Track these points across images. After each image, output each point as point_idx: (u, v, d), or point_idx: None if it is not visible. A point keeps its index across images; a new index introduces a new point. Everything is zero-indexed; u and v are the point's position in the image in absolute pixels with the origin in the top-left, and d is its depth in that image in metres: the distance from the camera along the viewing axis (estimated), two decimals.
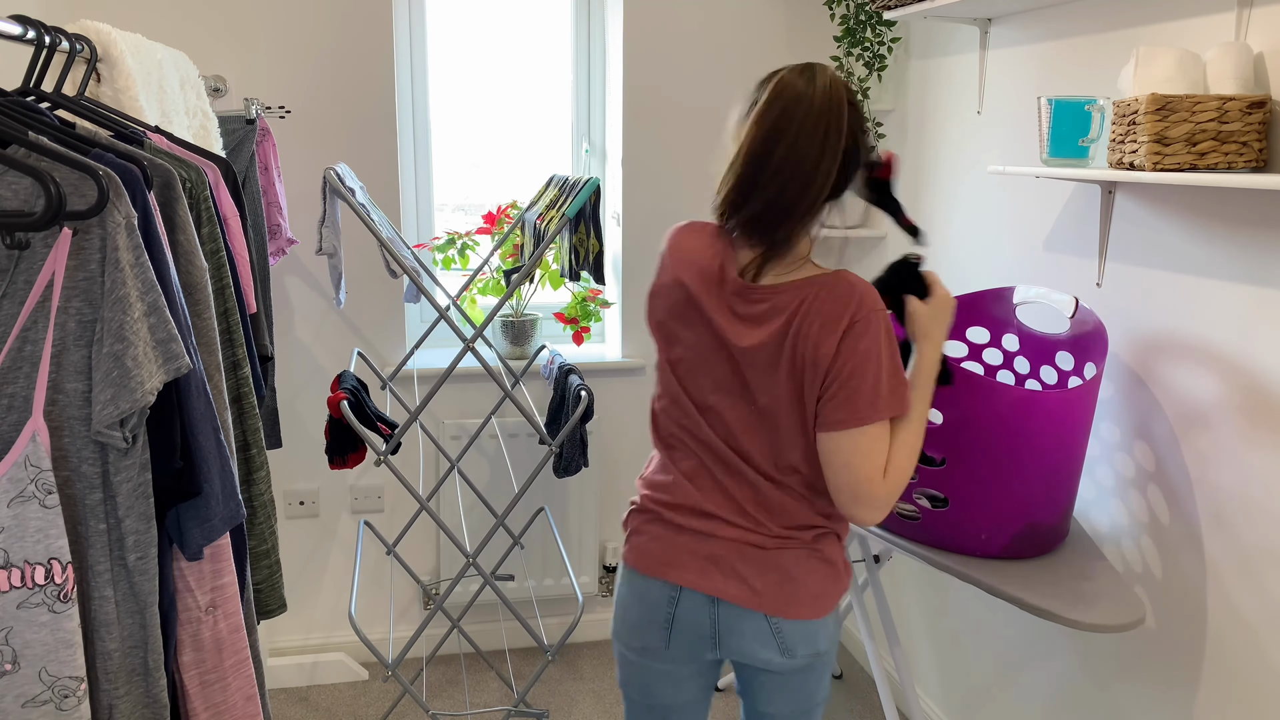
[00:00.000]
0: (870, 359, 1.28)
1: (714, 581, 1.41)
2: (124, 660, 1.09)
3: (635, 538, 1.49)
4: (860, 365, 1.28)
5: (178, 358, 1.06)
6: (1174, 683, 1.77)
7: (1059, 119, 1.75)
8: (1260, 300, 1.55)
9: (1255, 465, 1.58)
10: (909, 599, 2.69)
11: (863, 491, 1.31)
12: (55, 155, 1.04)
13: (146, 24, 2.45)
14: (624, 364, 2.89)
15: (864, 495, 1.31)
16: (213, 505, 1.13)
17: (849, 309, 1.29)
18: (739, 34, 2.77)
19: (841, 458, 1.31)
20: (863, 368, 1.28)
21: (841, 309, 1.29)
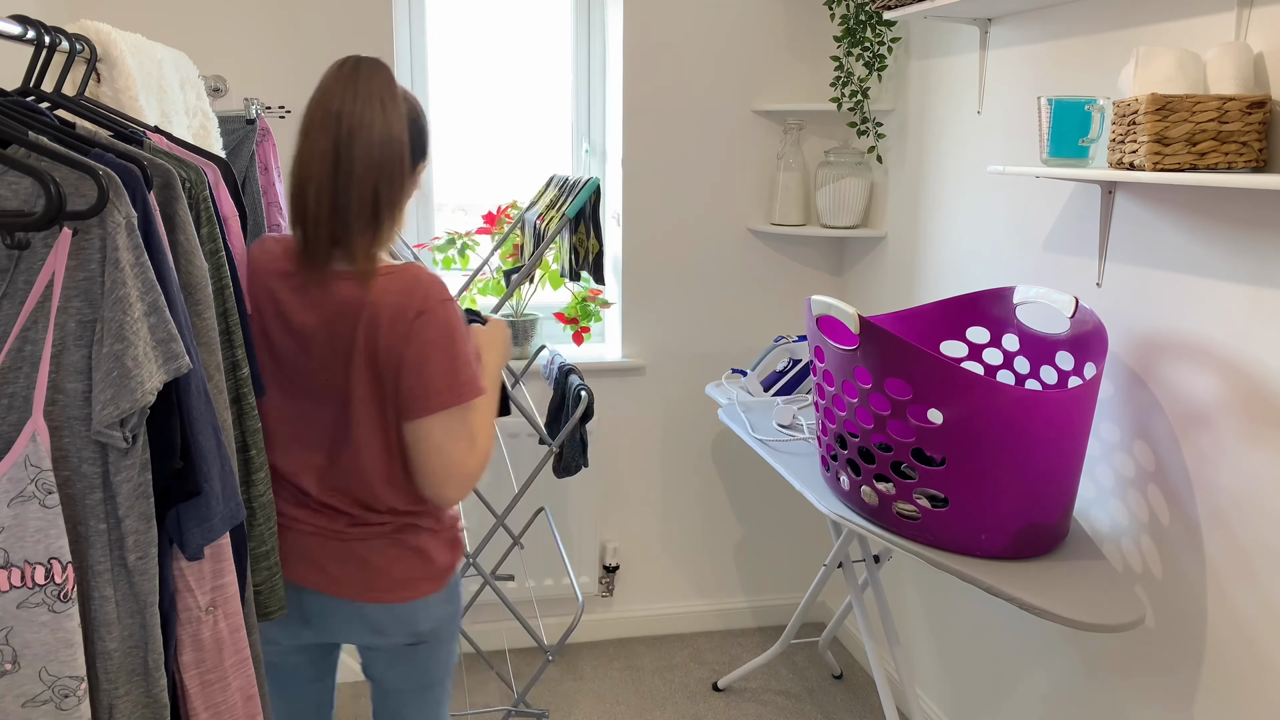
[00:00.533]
0: (439, 347, 1.37)
1: (297, 570, 1.51)
2: (124, 660, 1.09)
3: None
4: (430, 354, 1.37)
5: (178, 357, 1.06)
6: (1174, 683, 1.77)
7: (1059, 119, 1.75)
8: (1260, 300, 1.55)
9: (1255, 465, 1.58)
10: (909, 599, 2.69)
11: (454, 472, 1.41)
12: (55, 155, 1.04)
13: (146, 24, 2.45)
14: (624, 364, 2.89)
15: (455, 475, 1.41)
16: (213, 505, 1.13)
17: (415, 301, 1.37)
18: (739, 34, 2.77)
19: (433, 442, 1.39)
20: (433, 355, 1.37)
21: (407, 301, 1.37)
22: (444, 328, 1.38)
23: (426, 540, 1.50)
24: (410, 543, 1.49)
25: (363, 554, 1.48)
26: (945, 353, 2.09)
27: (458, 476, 1.42)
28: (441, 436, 1.39)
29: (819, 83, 2.84)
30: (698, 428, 3.00)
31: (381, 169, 1.39)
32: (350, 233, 1.40)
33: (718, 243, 2.89)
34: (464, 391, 1.39)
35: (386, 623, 1.50)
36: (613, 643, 3.06)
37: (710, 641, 3.08)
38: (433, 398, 1.37)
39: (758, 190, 2.88)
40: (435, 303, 1.37)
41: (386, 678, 1.59)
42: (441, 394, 1.38)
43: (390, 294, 1.38)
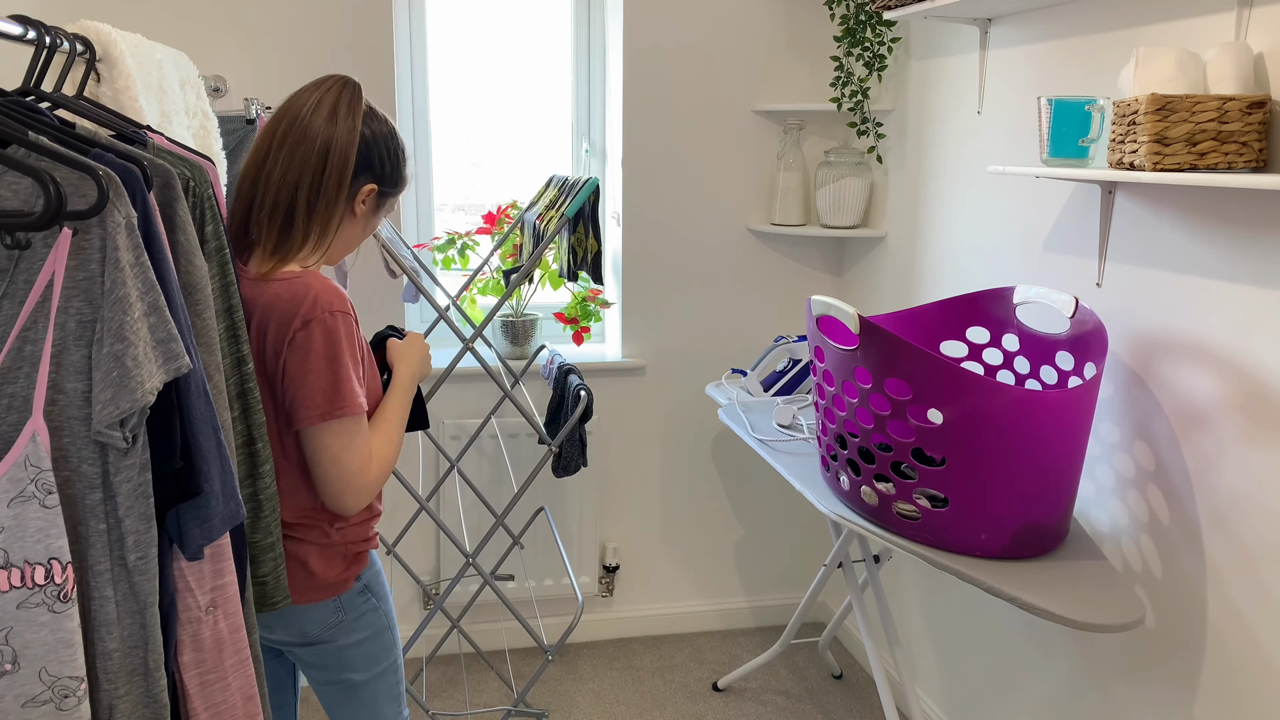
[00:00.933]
0: (320, 358, 1.36)
1: None
2: (124, 660, 1.09)
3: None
4: (312, 364, 1.36)
5: (178, 357, 1.06)
6: (1174, 683, 1.77)
7: (1059, 119, 1.75)
8: (1260, 300, 1.55)
9: (1255, 465, 1.58)
10: (909, 599, 2.69)
11: (351, 482, 1.41)
12: (55, 155, 1.04)
13: (146, 24, 2.45)
14: (624, 364, 2.89)
15: (351, 486, 1.41)
16: (213, 505, 1.13)
17: (301, 310, 1.36)
18: (739, 34, 2.77)
19: (330, 452, 1.39)
20: (314, 366, 1.36)
21: (294, 309, 1.37)
22: (328, 338, 1.37)
23: (309, 552, 1.49)
24: (290, 551, 1.48)
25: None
26: (945, 353, 2.09)
27: (354, 487, 1.41)
28: (337, 448, 1.39)
29: (819, 83, 2.84)
30: (698, 428, 3.00)
31: (306, 174, 1.40)
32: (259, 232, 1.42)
33: (718, 243, 2.89)
34: (343, 406, 1.38)
35: (269, 619, 1.51)
36: (613, 643, 3.06)
37: (710, 641, 3.08)
38: (311, 409, 1.37)
39: (758, 190, 2.88)
40: (323, 313, 1.37)
41: (306, 677, 1.62)
42: (320, 405, 1.37)
43: (281, 300, 1.38)
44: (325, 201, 1.43)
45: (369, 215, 1.51)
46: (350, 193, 1.45)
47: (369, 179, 1.46)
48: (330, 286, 1.40)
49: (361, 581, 1.56)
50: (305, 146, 1.40)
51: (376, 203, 1.50)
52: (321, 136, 1.40)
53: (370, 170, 1.46)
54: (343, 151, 1.41)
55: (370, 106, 1.47)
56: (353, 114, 1.43)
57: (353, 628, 1.56)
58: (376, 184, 1.48)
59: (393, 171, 1.50)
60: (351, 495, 1.42)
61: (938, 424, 1.63)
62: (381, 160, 1.47)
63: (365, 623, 1.57)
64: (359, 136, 1.43)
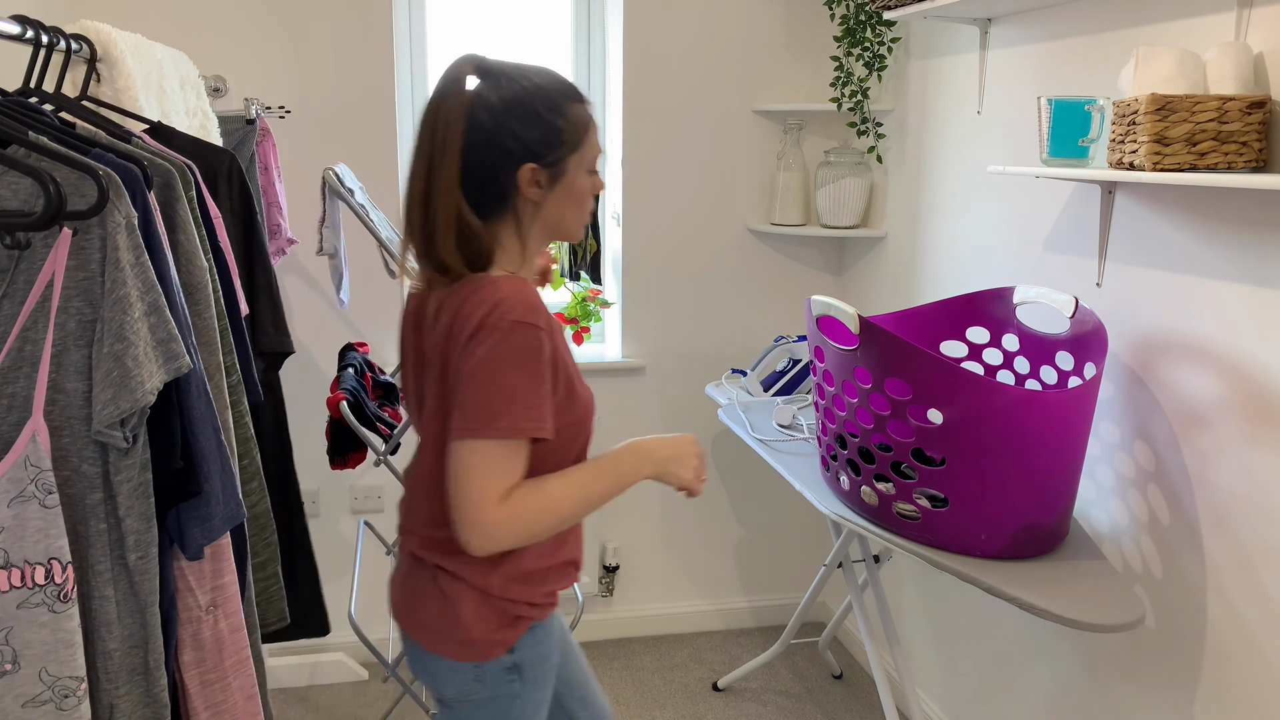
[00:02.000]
0: (480, 366, 1.18)
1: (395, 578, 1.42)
2: (124, 660, 1.09)
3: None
4: (474, 373, 1.18)
5: (178, 357, 1.06)
6: (1174, 682, 1.77)
7: (1059, 119, 1.75)
8: (1260, 300, 1.55)
9: (1255, 465, 1.58)
10: (909, 599, 2.69)
11: (468, 513, 1.18)
12: (55, 155, 1.04)
13: (146, 24, 2.45)
14: (624, 364, 2.89)
15: (469, 518, 1.18)
16: (213, 505, 1.13)
17: (480, 312, 1.20)
18: (739, 34, 2.77)
19: (455, 469, 1.19)
20: (474, 375, 1.18)
21: (474, 311, 1.21)
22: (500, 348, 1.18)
23: (463, 595, 1.31)
24: (442, 585, 1.32)
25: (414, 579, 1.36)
26: (945, 353, 2.09)
27: (472, 521, 1.18)
28: (467, 468, 1.18)
29: (819, 83, 2.84)
30: (698, 428, 3.00)
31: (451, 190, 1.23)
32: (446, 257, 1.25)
33: (718, 243, 2.89)
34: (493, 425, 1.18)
35: (415, 658, 1.36)
36: (613, 643, 3.06)
37: (710, 641, 3.08)
38: (461, 421, 1.19)
39: (758, 190, 2.88)
40: (501, 320, 1.19)
41: None
42: (470, 419, 1.18)
43: (465, 304, 1.22)
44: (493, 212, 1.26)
45: (551, 190, 1.27)
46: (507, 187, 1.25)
47: (513, 165, 1.24)
48: (521, 296, 1.21)
49: (512, 657, 1.34)
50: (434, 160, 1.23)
51: (552, 174, 1.26)
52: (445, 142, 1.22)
53: (509, 155, 1.24)
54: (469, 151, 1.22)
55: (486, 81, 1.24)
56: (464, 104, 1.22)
57: (484, 707, 1.35)
58: (531, 161, 1.24)
59: (542, 137, 1.24)
60: (466, 530, 1.19)
61: (938, 424, 1.63)
62: (516, 137, 1.23)
63: (497, 708, 1.35)
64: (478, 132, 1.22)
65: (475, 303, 1.21)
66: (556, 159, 1.26)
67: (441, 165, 1.22)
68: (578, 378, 1.33)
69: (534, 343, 1.20)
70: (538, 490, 1.22)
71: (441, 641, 1.32)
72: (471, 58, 1.24)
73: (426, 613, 1.33)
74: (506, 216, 1.27)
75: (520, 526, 1.20)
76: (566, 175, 1.27)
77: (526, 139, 1.23)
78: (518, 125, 1.23)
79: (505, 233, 1.28)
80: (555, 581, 1.37)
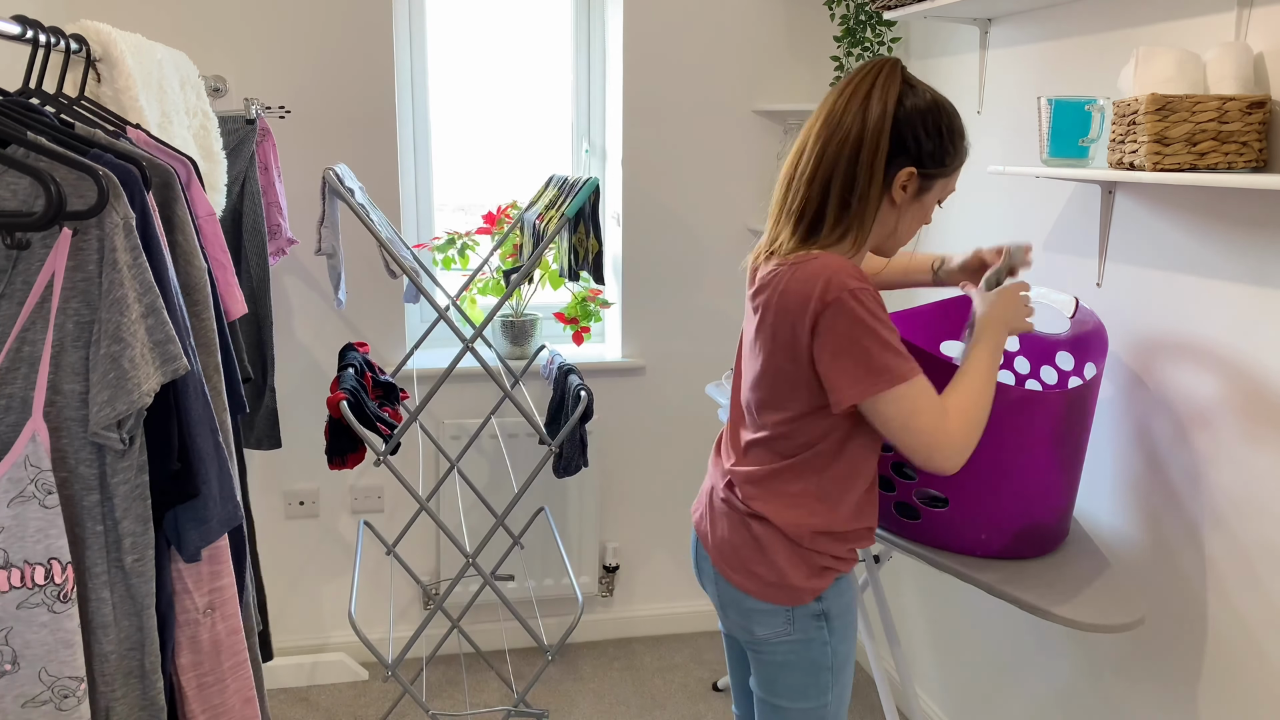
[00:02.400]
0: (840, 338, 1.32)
1: (699, 515, 1.60)
2: (121, 662, 1.09)
3: None
4: (837, 347, 1.32)
5: (175, 359, 1.06)
6: (1174, 682, 1.77)
7: (1059, 119, 1.75)
8: (1260, 300, 1.55)
9: (1255, 465, 1.58)
10: (909, 599, 2.69)
11: (929, 441, 1.33)
12: (54, 155, 1.04)
13: (146, 24, 2.45)
14: (624, 364, 2.89)
15: (933, 444, 1.34)
16: (210, 507, 1.13)
17: (814, 294, 1.32)
18: (739, 34, 2.77)
19: (896, 423, 1.34)
20: (840, 349, 1.32)
21: (809, 290, 1.33)
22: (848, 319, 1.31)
23: (775, 540, 1.45)
24: (756, 532, 1.46)
25: (726, 519, 1.51)
26: (945, 353, 2.09)
27: (938, 445, 1.33)
28: (902, 416, 1.33)
29: (819, 83, 2.84)
30: (698, 428, 3.00)
31: (837, 170, 1.35)
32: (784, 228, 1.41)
33: (718, 243, 2.89)
34: (880, 379, 1.31)
35: (728, 600, 1.51)
36: (613, 643, 3.06)
37: (710, 641, 3.08)
38: (851, 388, 1.33)
39: (758, 190, 2.88)
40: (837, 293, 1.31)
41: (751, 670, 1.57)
42: (860, 383, 1.32)
43: (797, 283, 1.35)
44: (858, 195, 1.36)
45: (912, 200, 1.40)
46: (886, 180, 1.37)
47: (905, 161, 1.36)
48: (842, 265, 1.33)
49: (821, 604, 1.48)
50: (835, 142, 1.35)
51: (920, 185, 1.39)
52: (853, 128, 1.34)
53: (905, 152, 1.36)
54: (872, 139, 1.33)
55: (909, 83, 1.37)
56: (885, 95, 1.34)
57: (794, 649, 1.49)
58: (915, 166, 1.36)
59: (936, 149, 1.37)
60: (939, 454, 1.34)
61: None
62: (917, 139, 1.35)
63: (807, 651, 1.49)
64: (889, 119, 1.34)
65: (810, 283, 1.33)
66: (932, 175, 1.39)
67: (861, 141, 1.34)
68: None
69: (874, 299, 1.33)
70: (954, 395, 1.38)
71: (757, 583, 1.46)
72: (897, 60, 1.38)
73: (742, 556, 1.48)
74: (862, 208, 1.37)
75: (971, 425, 1.36)
76: (928, 195, 1.41)
77: (924, 145, 1.36)
78: (923, 131, 1.35)
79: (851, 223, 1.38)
80: (857, 540, 1.50)
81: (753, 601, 1.47)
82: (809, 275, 1.34)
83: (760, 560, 1.46)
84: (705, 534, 1.55)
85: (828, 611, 1.49)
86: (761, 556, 1.46)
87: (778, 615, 1.47)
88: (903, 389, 1.32)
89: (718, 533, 1.52)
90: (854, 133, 1.34)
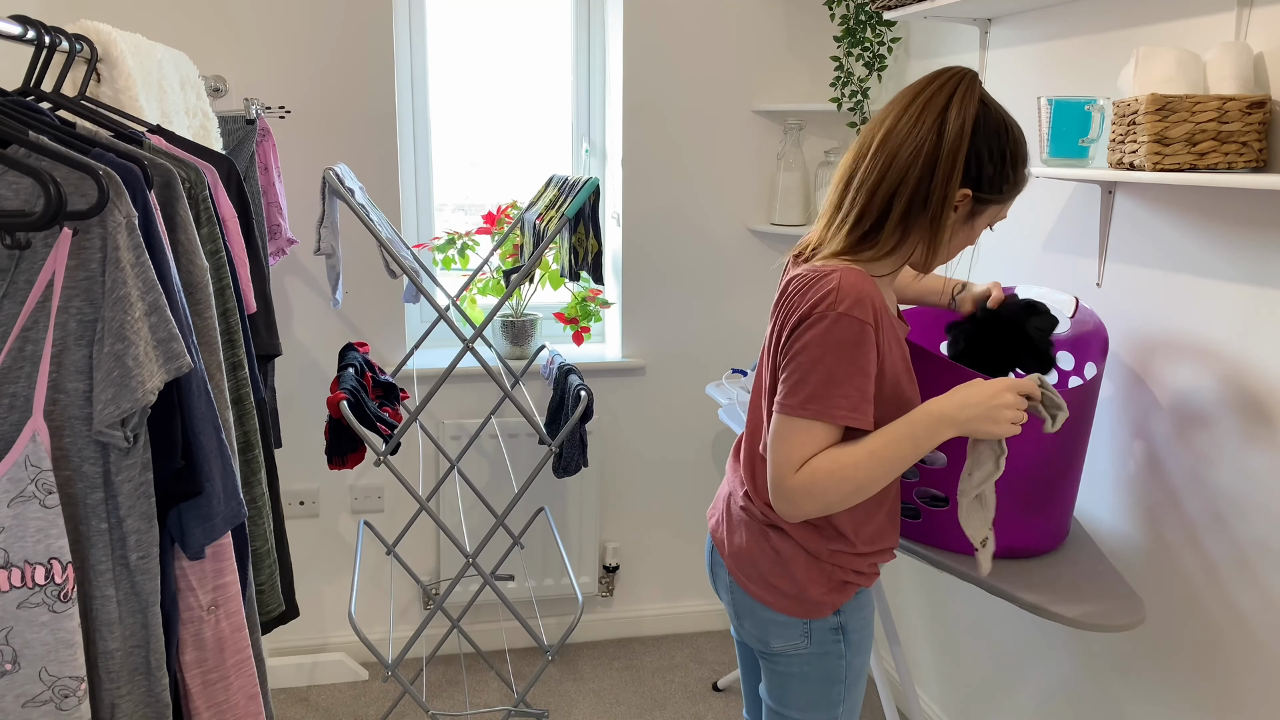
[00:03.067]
0: (803, 350, 1.28)
1: (715, 522, 1.57)
2: (126, 659, 1.09)
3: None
4: (797, 355, 1.29)
5: (179, 357, 1.06)
6: (1174, 682, 1.77)
7: (1059, 119, 1.75)
8: (1260, 300, 1.55)
9: (1254, 465, 1.58)
10: (909, 599, 2.69)
11: (771, 479, 1.32)
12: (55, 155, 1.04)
13: (146, 24, 2.45)
14: (624, 364, 2.89)
15: (771, 483, 1.32)
16: (214, 504, 1.13)
17: (810, 300, 1.30)
18: (739, 34, 2.77)
19: (769, 437, 1.33)
20: (798, 357, 1.29)
21: (809, 295, 1.30)
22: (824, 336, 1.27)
23: (794, 553, 1.43)
24: (774, 541, 1.44)
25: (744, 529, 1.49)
26: (945, 353, 2.09)
27: (777, 487, 1.30)
28: (775, 438, 1.31)
29: (819, 83, 2.84)
30: (698, 428, 3.00)
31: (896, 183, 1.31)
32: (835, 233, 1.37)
33: (718, 243, 2.89)
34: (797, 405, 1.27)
35: (743, 609, 1.49)
36: (613, 643, 3.06)
37: (710, 641, 3.08)
38: (780, 395, 1.31)
39: (758, 190, 2.88)
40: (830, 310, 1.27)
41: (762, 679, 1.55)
42: (784, 395, 1.30)
43: (803, 285, 1.32)
44: (926, 214, 1.31)
45: (961, 222, 1.36)
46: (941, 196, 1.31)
47: (964, 183, 1.31)
48: (856, 287, 1.28)
49: (839, 618, 1.46)
50: (907, 154, 1.30)
51: (972, 209, 1.34)
52: (926, 141, 1.29)
53: (966, 174, 1.31)
54: (948, 158, 1.28)
55: (984, 100, 1.31)
56: (963, 111, 1.29)
57: (808, 662, 1.47)
58: (972, 189, 1.32)
59: (996, 175, 1.32)
60: (775, 494, 1.32)
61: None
62: (979, 162, 1.31)
63: (821, 664, 1.47)
64: (967, 138, 1.29)
65: (813, 289, 1.30)
66: (987, 200, 1.34)
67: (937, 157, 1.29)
68: (908, 381, 1.40)
69: (857, 335, 1.27)
70: (830, 460, 1.28)
71: (774, 595, 1.44)
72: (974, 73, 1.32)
73: (760, 568, 1.46)
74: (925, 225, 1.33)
75: (817, 493, 1.29)
76: (979, 218, 1.37)
77: (985, 169, 1.32)
78: (987, 154, 1.31)
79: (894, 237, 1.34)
80: (878, 557, 1.48)
81: (770, 613, 1.46)
82: (819, 285, 1.30)
83: (779, 572, 1.44)
84: (721, 541, 1.53)
85: (845, 625, 1.47)
86: (781, 569, 1.44)
87: (795, 628, 1.46)
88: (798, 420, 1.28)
89: (735, 541, 1.50)
90: (928, 147, 1.29)
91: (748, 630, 1.50)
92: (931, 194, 1.30)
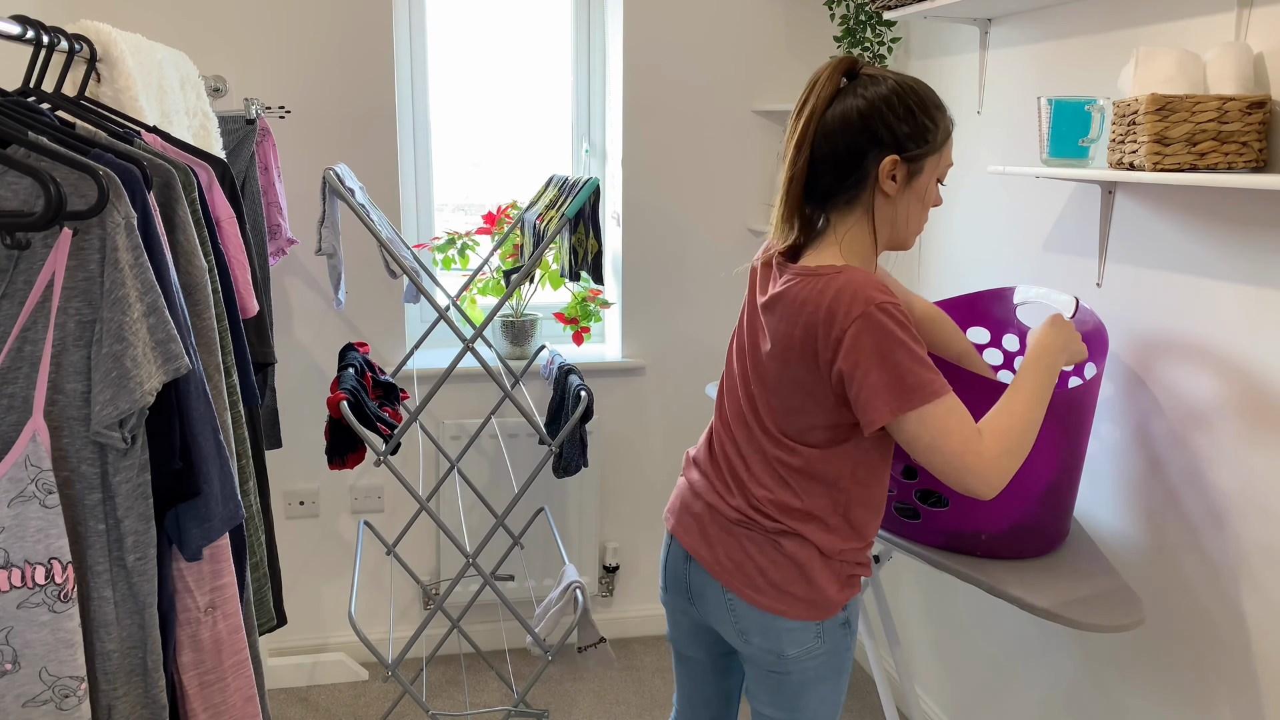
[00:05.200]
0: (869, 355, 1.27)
1: (692, 538, 1.50)
2: (123, 661, 1.09)
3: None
4: (865, 363, 1.28)
5: (177, 358, 1.06)
6: (1174, 683, 1.77)
7: (1059, 119, 1.75)
8: (1260, 300, 1.55)
9: (1255, 465, 1.58)
10: (909, 599, 2.69)
11: (959, 464, 1.27)
12: (55, 155, 1.04)
13: (146, 24, 2.45)
14: (624, 364, 2.89)
15: (963, 467, 1.27)
16: (212, 506, 1.13)
17: (840, 310, 1.29)
18: (739, 34, 2.77)
19: (922, 441, 1.28)
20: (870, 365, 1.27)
21: (834, 309, 1.30)
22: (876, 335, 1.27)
23: (811, 556, 1.41)
24: (788, 550, 1.41)
25: (744, 542, 1.44)
26: None
27: (968, 468, 1.27)
28: (928, 436, 1.27)
29: None
30: (698, 428, 3.00)
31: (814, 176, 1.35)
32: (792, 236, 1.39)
33: (718, 243, 2.89)
34: (911, 397, 1.26)
35: (751, 627, 1.44)
36: (613, 643, 3.06)
37: None
38: (881, 406, 1.27)
39: (758, 190, 2.88)
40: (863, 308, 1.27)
41: (754, 693, 1.52)
42: (889, 402, 1.27)
43: (817, 296, 1.31)
44: (844, 199, 1.36)
45: (905, 186, 1.36)
46: (866, 176, 1.34)
47: (884, 151, 1.33)
48: (867, 280, 1.30)
49: (845, 613, 1.46)
50: (805, 150, 1.34)
51: (909, 170, 1.35)
52: (816, 134, 1.34)
53: (878, 143, 1.32)
54: (836, 140, 1.33)
55: (865, 75, 1.35)
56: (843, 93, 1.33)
57: (824, 662, 1.45)
58: (896, 153, 1.33)
59: (911, 132, 1.33)
60: (971, 477, 1.28)
61: None
62: (889, 126, 1.32)
63: (834, 661, 1.46)
64: (851, 115, 1.32)
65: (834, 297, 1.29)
66: (918, 156, 1.34)
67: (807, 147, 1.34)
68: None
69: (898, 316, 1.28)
70: (1000, 415, 1.33)
71: (788, 602, 1.41)
72: (846, 57, 1.37)
73: (773, 575, 1.42)
74: (856, 207, 1.36)
75: (1013, 446, 1.30)
76: (922, 176, 1.36)
77: (897, 131, 1.32)
78: (892, 116, 1.32)
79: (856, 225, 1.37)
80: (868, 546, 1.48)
81: (785, 622, 1.43)
82: (832, 290, 1.30)
83: (795, 579, 1.42)
84: (708, 560, 1.47)
85: (850, 618, 1.48)
86: (797, 574, 1.42)
87: (808, 631, 1.44)
88: (931, 408, 1.27)
89: (733, 556, 1.45)
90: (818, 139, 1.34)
91: (756, 645, 1.45)
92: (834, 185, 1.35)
